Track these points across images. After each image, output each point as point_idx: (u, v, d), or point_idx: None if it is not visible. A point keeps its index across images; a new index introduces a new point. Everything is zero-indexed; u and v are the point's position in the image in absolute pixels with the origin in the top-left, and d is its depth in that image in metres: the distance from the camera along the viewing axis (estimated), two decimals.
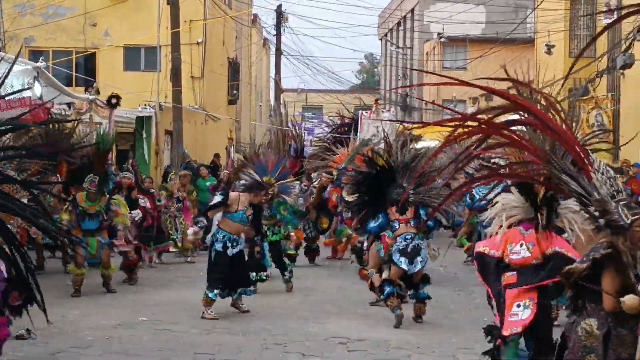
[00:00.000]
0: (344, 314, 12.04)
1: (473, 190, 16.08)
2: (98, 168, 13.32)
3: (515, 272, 8.05)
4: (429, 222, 11.71)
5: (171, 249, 17.49)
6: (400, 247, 11.45)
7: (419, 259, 11.45)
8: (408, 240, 11.46)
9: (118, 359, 9.28)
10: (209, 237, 12.49)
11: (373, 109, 21.65)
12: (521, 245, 8.10)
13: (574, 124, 8.22)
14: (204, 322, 11.22)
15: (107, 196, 13.50)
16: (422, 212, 11.70)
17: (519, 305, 7.92)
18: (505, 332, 7.91)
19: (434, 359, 9.52)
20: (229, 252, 11.70)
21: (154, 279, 15.12)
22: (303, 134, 24.36)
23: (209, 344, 9.99)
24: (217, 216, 12.40)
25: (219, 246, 11.73)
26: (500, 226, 8.16)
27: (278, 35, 37.95)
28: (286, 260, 14.27)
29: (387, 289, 11.38)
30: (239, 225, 11.85)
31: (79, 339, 10.17)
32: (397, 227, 11.57)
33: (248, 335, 10.49)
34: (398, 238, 11.48)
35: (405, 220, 11.60)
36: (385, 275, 11.63)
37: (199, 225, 13.66)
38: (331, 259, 18.02)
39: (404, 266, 11.38)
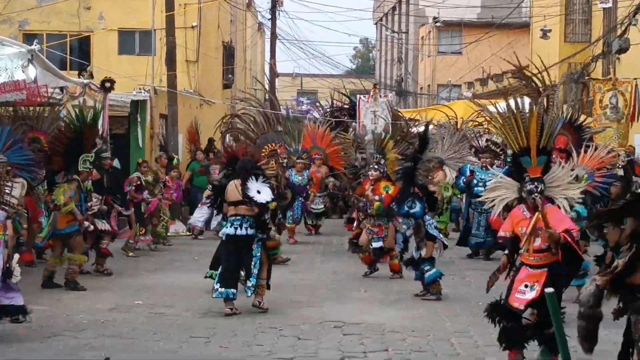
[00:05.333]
0: (339, 298, 12.04)
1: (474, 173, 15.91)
2: (88, 146, 12.88)
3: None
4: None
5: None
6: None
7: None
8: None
9: (112, 343, 9.27)
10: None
11: (371, 94, 21.62)
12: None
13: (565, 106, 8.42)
14: (198, 306, 11.22)
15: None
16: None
17: (526, 286, 8.16)
18: (513, 303, 8.16)
19: (429, 342, 9.52)
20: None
21: (149, 263, 15.12)
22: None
23: (204, 328, 9.99)
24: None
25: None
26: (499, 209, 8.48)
27: (273, 19, 37.77)
28: None
29: (433, 272, 11.87)
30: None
31: (74, 322, 10.16)
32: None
33: (243, 319, 10.48)
34: (426, 216, 12.13)
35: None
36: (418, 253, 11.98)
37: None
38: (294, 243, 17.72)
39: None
